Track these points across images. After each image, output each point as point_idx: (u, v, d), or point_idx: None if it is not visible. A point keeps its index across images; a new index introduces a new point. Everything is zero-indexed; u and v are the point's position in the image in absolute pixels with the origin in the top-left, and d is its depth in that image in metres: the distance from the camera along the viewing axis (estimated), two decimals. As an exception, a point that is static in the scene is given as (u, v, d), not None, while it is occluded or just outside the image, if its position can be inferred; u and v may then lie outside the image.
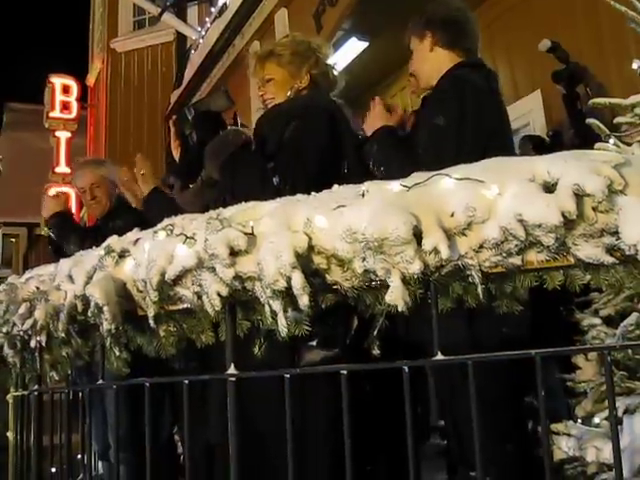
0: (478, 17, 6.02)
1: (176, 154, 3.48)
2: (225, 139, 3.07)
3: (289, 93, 3.17)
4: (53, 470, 2.39)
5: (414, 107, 3.71)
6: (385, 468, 2.64)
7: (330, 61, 3.35)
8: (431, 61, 2.85)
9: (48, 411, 2.37)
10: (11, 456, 2.59)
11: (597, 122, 2.30)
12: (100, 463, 4.10)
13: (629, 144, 2.26)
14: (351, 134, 3.06)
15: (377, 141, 2.74)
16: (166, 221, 1.85)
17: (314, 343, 2.29)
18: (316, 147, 2.89)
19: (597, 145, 2.13)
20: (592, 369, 2.35)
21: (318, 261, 1.59)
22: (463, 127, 2.52)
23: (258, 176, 2.82)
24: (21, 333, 2.13)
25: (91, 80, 15.39)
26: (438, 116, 2.55)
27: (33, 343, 2.09)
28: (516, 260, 1.51)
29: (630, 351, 2.32)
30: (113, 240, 1.99)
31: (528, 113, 5.89)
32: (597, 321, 2.40)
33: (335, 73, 3.37)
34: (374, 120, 2.83)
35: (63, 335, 2.00)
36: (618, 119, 2.41)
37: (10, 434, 2.60)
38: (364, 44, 7.29)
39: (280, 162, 2.82)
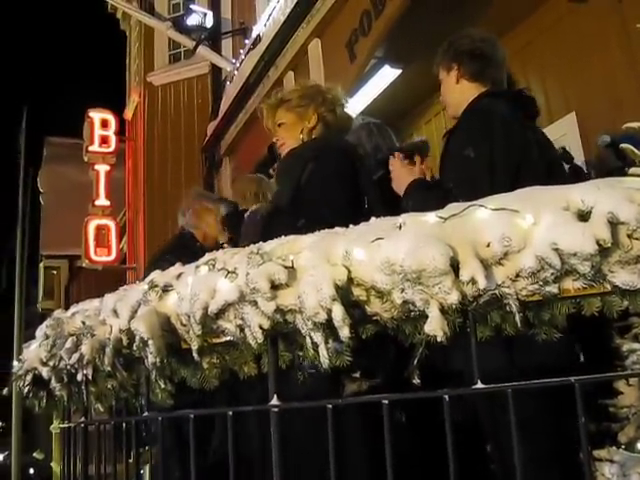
0: (511, 40, 6.10)
1: None
2: (252, 219, 3.14)
3: (301, 136, 3.22)
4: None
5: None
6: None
7: (344, 102, 3.40)
8: (457, 93, 2.89)
9: (92, 442, 2.41)
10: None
11: (631, 147, 2.30)
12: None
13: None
14: (367, 171, 3.10)
15: (410, 197, 2.75)
16: (207, 256, 1.89)
17: (357, 375, 2.30)
18: (337, 187, 2.93)
19: (631, 170, 2.14)
20: (634, 394, 2.34)
21: (357, 293, 1.62)
22: (493, 157, 2.53)
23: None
24: (68, 367, 2.18)
25: (129, 114, 15.59)
26: (467, 148, 2.56)
27: (80, 376, 2.13)
28: (553, 288, 1.53)
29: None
30: (156, 275, 2.04)
31: (563, 137, 5.84)
32: (637, 346, 2.39)
33: (347, 112, 3.41)
34: (400, 179, 2.85)
35: (109, 368, 2.04)
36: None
37: (54, 465, 2.64)
38: (397, 71, 7.34)
39: (307, 213, 2.83)
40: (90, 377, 2.10)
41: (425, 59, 3.12)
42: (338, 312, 1.55)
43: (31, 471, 23.79)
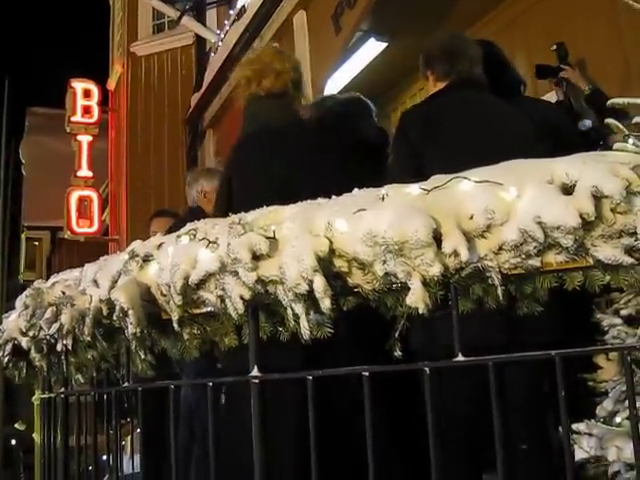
0: (496, 17, 6.06)
1: None
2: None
3: None
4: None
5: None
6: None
7: None
8: None
9: (72, 413, 2.40)
10: (37, 457, 2.63)
11: (616, 122, 2.29)
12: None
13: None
14: None
15: None
16: (189, 226, 1.88)
17: None
18: None
19: (616, 145, 2.13)
20: (613, 369, 2.35)
21: (339, 264, 1.61)
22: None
23: None
24: (47, 337, 2.16)
25: (112, 84, 15.45)
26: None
27: (59, 347, 2.12)
28: (535, 262, 1.52)
29: (651, 350, 2.32)
30: (137, 245, 2.02)
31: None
32: (618, 321, 2.39)
33: None
34: None
35: (89, 339, 2.03)
36: (638, 119, 2.40)
37: (36, 436, 2.63)
38: (383, 45, 7.29)
39: None
40: (70, 347, 2.09)
41: (411, 32, 3.12)
42: (319, 283, 1.55)
43: (13, 442, 23.81)
